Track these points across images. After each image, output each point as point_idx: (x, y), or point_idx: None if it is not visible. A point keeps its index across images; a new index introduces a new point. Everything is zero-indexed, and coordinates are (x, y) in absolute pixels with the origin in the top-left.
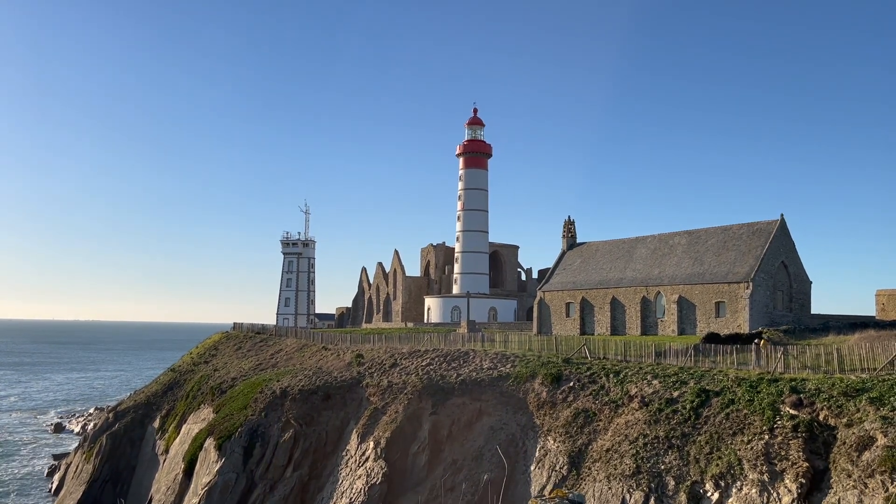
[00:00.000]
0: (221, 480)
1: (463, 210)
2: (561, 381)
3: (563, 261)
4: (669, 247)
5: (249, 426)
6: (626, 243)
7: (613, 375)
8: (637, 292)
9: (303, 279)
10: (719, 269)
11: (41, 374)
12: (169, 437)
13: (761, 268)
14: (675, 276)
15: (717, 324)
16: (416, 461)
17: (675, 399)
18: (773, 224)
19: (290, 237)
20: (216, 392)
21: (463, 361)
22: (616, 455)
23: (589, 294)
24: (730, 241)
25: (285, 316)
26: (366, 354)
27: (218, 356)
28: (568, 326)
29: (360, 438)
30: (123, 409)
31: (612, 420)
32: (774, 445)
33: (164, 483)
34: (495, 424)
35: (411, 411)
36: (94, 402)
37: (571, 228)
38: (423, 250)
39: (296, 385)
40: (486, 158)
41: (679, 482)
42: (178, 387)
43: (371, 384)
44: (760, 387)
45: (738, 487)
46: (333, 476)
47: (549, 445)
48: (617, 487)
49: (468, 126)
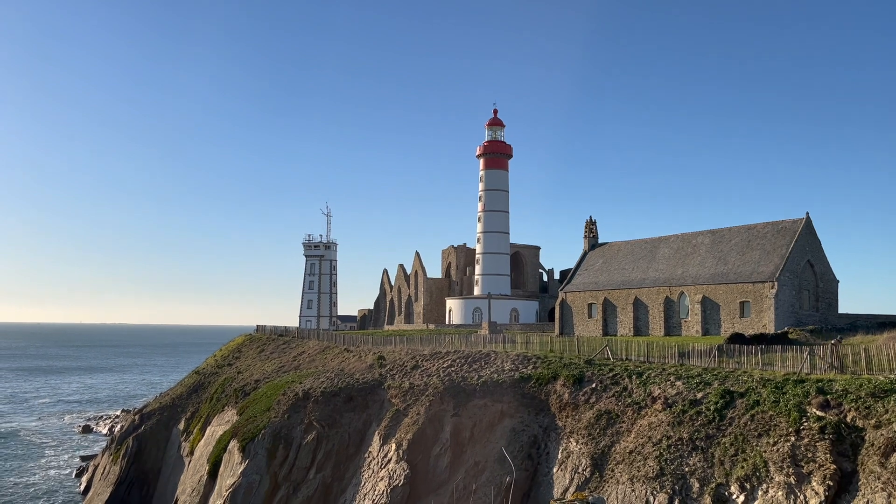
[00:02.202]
0: (245, 482)
1: (483, 211)
2: (583, 383)
3: (584, 261)
4: (693, 246)
5: (273, 428)
6: (648, 243)
7: (636, 377)
8: (660, 292)
9: (325, 281)
10: (744, 269)
11: (69, 376)
12: (194, 438)
13: (787, 267)
14: (698, 275)
15: (741, 324)
16: (438, 463)
17: (699, 400)
18: (798, 223)
19: (311, 240)
20: (240, 394)
21: (484, 363)
22: (639, 457)
23: (611, 295)
24: (754, 240)
25: (308, 318)
26: (387, 356)
27: (241, 358)
28: (590, 327)
29: (383, 440)
30: (149, 412)
31: (635, 422)
32: (801, 447)
33: (189, 484)
34: (517, 426)
35: (433, 413)
36: (121, 405)
37: (593, 229)
38: (444, 252)
39: (318, 387)
40: (507, 159)
41: (703, 484)
42: (203, 389)
43: (393, 386)
44: (786, 388)
45: (764, 490)
46: (356, 478)
47: (572, 447)
48: (640, 490)
49: (488, 127)
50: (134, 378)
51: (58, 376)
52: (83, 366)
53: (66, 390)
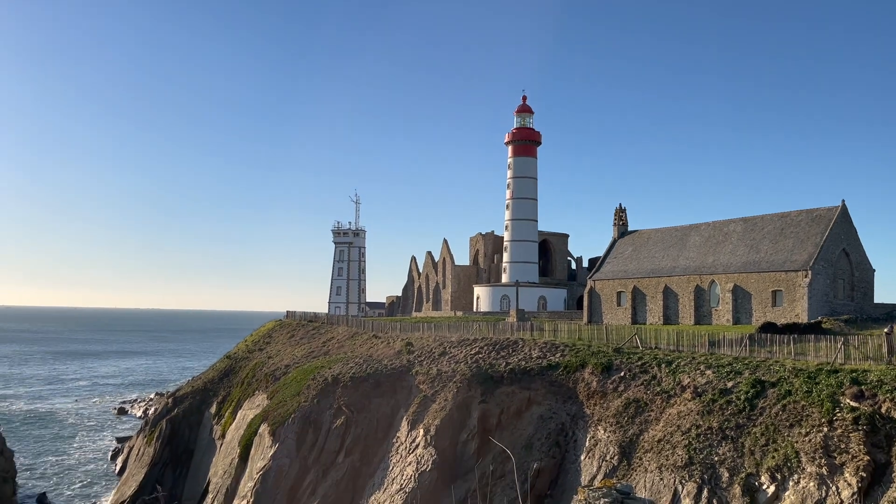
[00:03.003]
0: (276, 465)
1: (512, 199)
2: (612, 371)
3: (614, 249)
4: (724, 234)
5: (302, 412)
6: (679, 231)
7: (665, 365)
8: (690, 281)
9: (353, 268)
10: (776, 257)
11: (104, 360)
12: (225, 422)
13: (821, 255)
14: (729, 264)
15: (773, 313)
16: (466, 449)
17: (730, 389)
18: (833, 210)
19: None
20: (270, 379)
21: (512, 350)
22: (668, 446)
23: (641, 283)
24: (788, 227)
25: (337, 304)
26: (415, 343)
27: (272, 344)
28: (619, 316)
29: (411, 426)
30: (182, 395)
31: (663, 410)
32: (834, 438)
33: (220, 467)
34: (545, 413)
35: (460, 399)
36: (155, 388)
37: (623, 216)
38: (471, 239)
39: (347, 372)
40: (536, 146)
41: (733, 474)
42: (234, 373)
43: (421, 372)
44: (819, 378)
45: (796, 480)
46: (384, 462)
47: (600, 435)
48: (669, 478)
49: (517, 114)
50: (167, 362)
51: (94, 359)
52: (117, 350)
53: (101, 373)
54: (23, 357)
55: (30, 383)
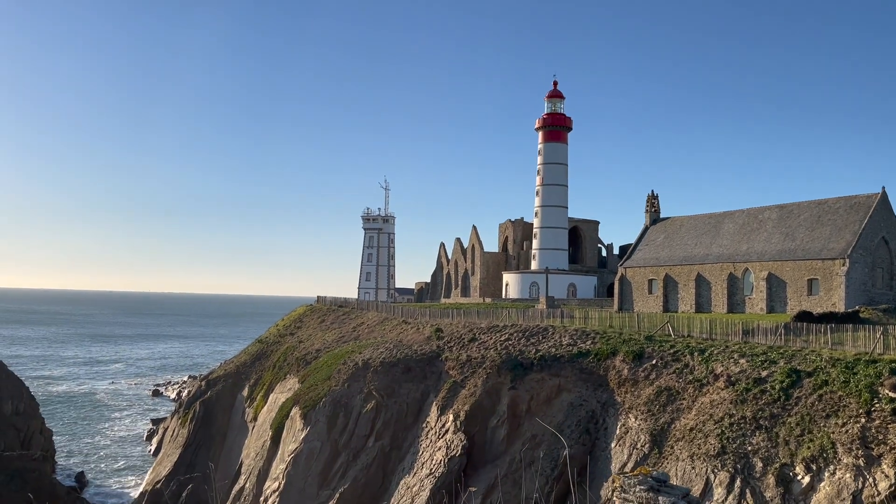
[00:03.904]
0: (307, 448)
1: (542, 185)
2: (643, 359)
3: (645, 236)
4: (759, 221)
5: (333, 396)
6: (712, 218)
7: (698, 353)
8: (724, 269)
9: (383, 254)
10: (813, 245)
11: (139, 343)
12: (257, 405)
13: (859, 243)
14: (764, 252)
15: (809, 302)
16: (495, 435)
17: (764, 379)
18: (872, 197)
19: (370, 213)
20: (301, 363)
21: (542, 337)
22: (700, 434)
23: (672, 270)
24: (825, 215)
25: (366, 290)
26: (445, 329)
27: (303, 328)
28: (650, 303)
29: (440, 411)
30: (215, 378)
31: (696, 399)
32: (871, 429)
33: (253, 449)
34: (575, 401)
35: (490, 385)
36: (188, 371)
37: (655, 203)
38: (501, 226)
39: (377, 357)
40: (566, 132)
41: (767, 464)
42: (265, 357)
43: (450, 358)
44: (857, 368)
45: (832, 471)
46: (414, 447)
47: (631, 423)
48: (701, 467)
49: (548, 99)
50: (199, 346)
51: (128, 342)
52: (151, 333)
53: (136, 356)
54: (60, 339)
55: (68, 365)
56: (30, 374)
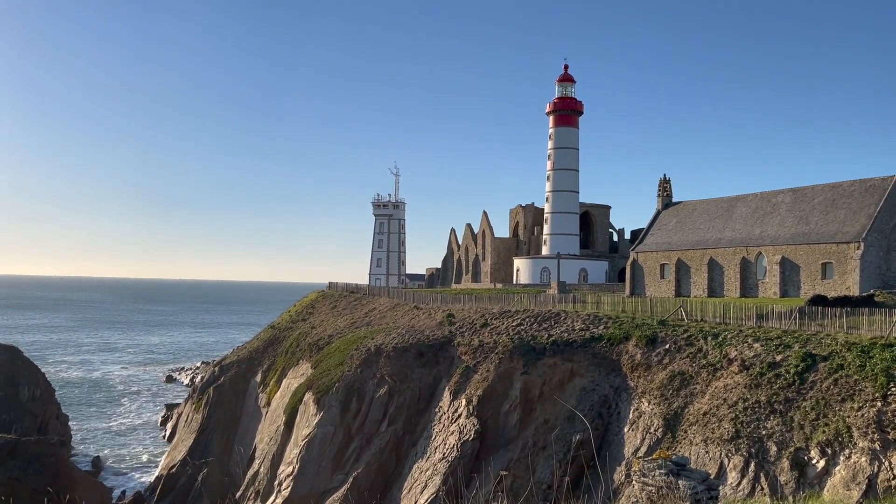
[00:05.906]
0: (320, 433)
1: (553, 170)
2: (656, 343)
3: (657, 220)
4: (772, 205)
5: (346, 382)
6: (725, 202)
7: (712, 338)
8: (736, 253)
9: (393, 240)
10: (827, 229)
11: (152, 329)
12: (270, 390)
13: (874, 227)
14: (777, 235)
15: (823, 286)
16: (508, 419)
17: (778, 363)
18: (888, 181)
19: (381, 199)
20: (314, 348)
21: (554, 322)
22: (714, 419)
23: (685, 255)
24: (839, 198)
25: (377, 276)
26: (457, 314)
27: (315, 314)
28: (662, 288)
29: (453, 396)
30: (228, 364)
31: (709, 383)
32: (888, 413)
33: (266, 434)
34: (587, 385)
35: (502, 370)
36: (201, 357)
37: (667, 187)
38: (511, 211)
39: (389, 343)
40: (577, 116)
41: (782, 448)
42: (278, 343)
43: (462, 343)
44: (873, 352)
45: (847, 455)
46: (427, 431)
47: (644, 408)
48: (715, 451)
49: (559, 83)
50: (212, 332)
51: (141, 328)
52: (164, 320)
53: (149, 342)
54: (75, 326)
55: (83, 351)
56: (46, 361)
